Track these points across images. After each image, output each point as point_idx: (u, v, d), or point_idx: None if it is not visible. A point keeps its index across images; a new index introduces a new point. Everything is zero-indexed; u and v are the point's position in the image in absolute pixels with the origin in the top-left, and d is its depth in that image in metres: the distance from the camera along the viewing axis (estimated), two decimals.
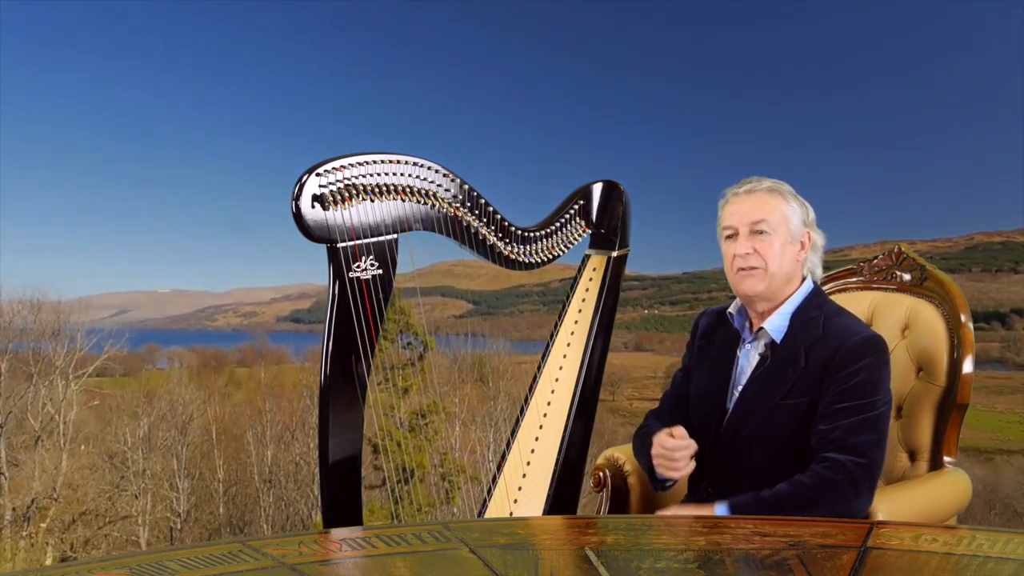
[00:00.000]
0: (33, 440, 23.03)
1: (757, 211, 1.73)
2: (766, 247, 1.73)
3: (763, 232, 1.73)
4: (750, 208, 1.74)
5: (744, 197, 1.77)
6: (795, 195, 1.78)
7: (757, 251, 1.73)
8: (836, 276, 2.25)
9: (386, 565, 1.05)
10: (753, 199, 1.75)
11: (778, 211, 1.74)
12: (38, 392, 23.79)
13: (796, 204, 1.77)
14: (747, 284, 1.75)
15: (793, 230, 1.75)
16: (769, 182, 1.78)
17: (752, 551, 1.08)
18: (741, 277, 1.75)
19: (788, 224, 1.74)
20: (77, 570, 1.00)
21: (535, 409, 2.27)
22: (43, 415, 23.60)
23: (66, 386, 24.36)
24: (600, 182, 2.33)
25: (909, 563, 1.03)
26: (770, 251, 1.73)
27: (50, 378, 24.27)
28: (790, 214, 1.75)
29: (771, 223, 1.73)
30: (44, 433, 23.28)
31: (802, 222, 1.77)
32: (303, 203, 1.69)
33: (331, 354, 1.72)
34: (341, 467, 1.74)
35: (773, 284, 1.74)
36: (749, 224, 1.73)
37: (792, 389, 1.69)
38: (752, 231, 1.73)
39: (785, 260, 1.74)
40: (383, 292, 1.77)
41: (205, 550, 1.07)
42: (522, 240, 2.10)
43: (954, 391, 1.93)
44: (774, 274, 1.73)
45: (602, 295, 2.34)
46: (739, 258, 1.74)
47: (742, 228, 1.74)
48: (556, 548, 1.13)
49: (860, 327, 1.73)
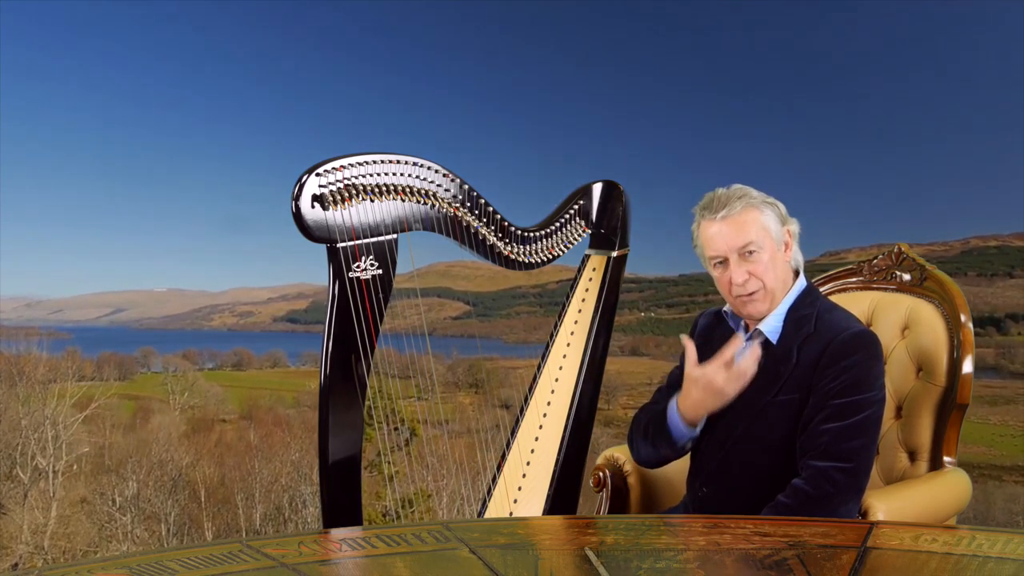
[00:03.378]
0: (23, 493, 22.84)
1: (741, 235, 1.72)
2: (759, 268, 1.72)
3: (752, 252, 1.72)
4: (733, 233, 1.72)
5: (722, 223, 1.73)
6: (764, 198, 1.76)
7: (752, 274, 1.72)
8: (836, 276, 2.25)
9: (386, 565, 1.05)
10: (732, 223, 1.73)
11: (758, 226, 1.72)
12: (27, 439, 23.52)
13: (768, 209, 1.74)
14: (751, 308, 1.75)
15: (776, 237, 1.74)
16: (737, 197, 1.74)
17: (752, 551, 1.08)
18: (743, 303, 1.75)
19: (771, 234, 1.73)
20: (77, 570, 1.00)
21: (535, 409, 2.27)
22: (31, 468, 23.40)
23: (56, 438, 24.10)
24: (600, 182, 2.33)
25: (909, 563, 1.03)
26: (765, 270, 1.72)
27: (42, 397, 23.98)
28: (769, 223, 1.73)
29: (758, 242, 1.72)
30: (33, 483, 23.10)
31: (779, 223, 1.75)
32: (303, 203, 1.69)
33: (331, 354, 1.71)
34: (341, 467, 1.74)
35: (776, 298, 1.75)
36: (737, 250, 1.72)
37: (784, 386, 1.69)
38: (741, 256, 1.72)
39: (778, 270, 1.74)
40: (383, 292, 1.77)
41: (205, 550, 1.07)
42: (522, 240, 2.10)
43: (954, 391, 1.93)
44: (772, 289, 1.73)
45: (602, 295, 2.34)
46: (736, 286, 1.73)
47: (731, 255, 1.73)
48: (556, 548, 1.13)
49: (851, 323, 1.73)
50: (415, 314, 1.94)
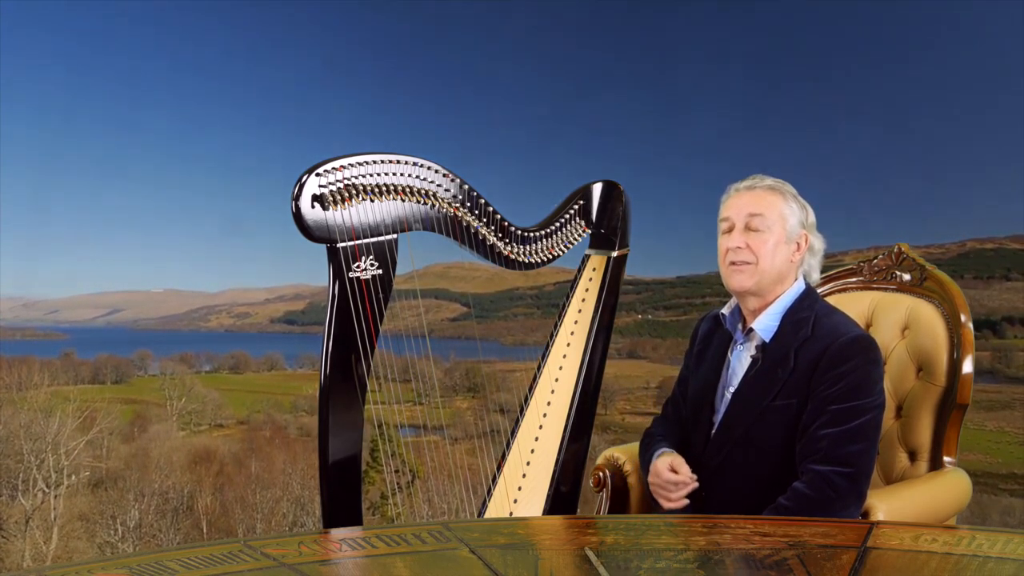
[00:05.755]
0: (23, 522, 22.72)
1: (754, 206, 1.74)
2: (759, 243, 1.73)
3: (757, 228, 1.73)
4: (748, 203, 1.75)
5: (744, 192, 1.78)
6: (796, 196, 1.79)
7: (750, 246, 1.73)
8: (836, 276, 2.26)
9: (386, 565, 1.05)
10: (752, 195, 1.76)
11: (775, 209, 1.74)
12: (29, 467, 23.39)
13: (796, 205, 1.77)
14: (736, 279, 1.75)
15: (789, 230, 1.75)
16: (772, 180, 1.79)
17: (752, 551, 1.08)
18: (732, 271, 1.76)
19: (784, 223, 1.74)
20: (77, 570, 0.99)
21: (535, 409, 2.27)
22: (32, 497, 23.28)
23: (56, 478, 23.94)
24: (600, 182, 2.33)
25: (909, 563, 1.03)
26: (763, 248, 1.73)
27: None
28: (788, 214, 1.75)
29: (767, 220, 1.73)
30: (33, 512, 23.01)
31: (800, 223, 1.77)
32: (303, 203, 1.69)
33: (331, 354, 1.71)
34: (341, 467, 1.74)
35: (763, 281, 1.74)
36: (745, 218, 1.74)
37: (782, 390, 1.70)
38: (747, 226, 1.74)
39: (777, 259, 1.74)
40: (383, 292, 1.77)
41: (205, 550, 1.07)
42: (522, 240, 2.10)
43: (954, 391, 1.94)
44: (764, 271, 1.73)
45: (602, 295, 2.34)
46: (731, 251, 1.75)
47: (738, 222, 1.75)
48: (556, 548, 1.13)
49: (849, 327, 1.73)
50: (413, 315, 1.94)
